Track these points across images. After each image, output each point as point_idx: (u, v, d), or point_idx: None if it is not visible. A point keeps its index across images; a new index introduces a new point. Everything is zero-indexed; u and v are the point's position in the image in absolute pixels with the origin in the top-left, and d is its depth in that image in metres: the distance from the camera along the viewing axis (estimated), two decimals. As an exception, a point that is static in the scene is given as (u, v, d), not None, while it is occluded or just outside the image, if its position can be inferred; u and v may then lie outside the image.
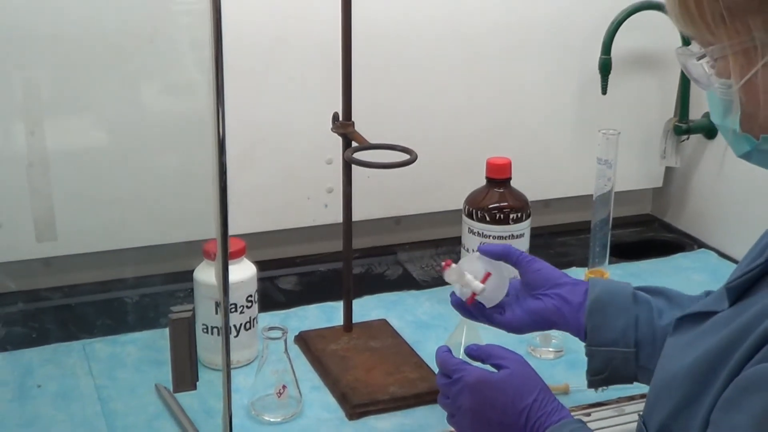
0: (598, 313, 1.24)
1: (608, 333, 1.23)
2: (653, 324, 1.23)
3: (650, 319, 1.23)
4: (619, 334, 1.23)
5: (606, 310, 1.24)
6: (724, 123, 0.97)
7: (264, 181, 1.81)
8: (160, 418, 1.37)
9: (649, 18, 1.92)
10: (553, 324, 1.29)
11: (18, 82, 1.60)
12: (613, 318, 1.23)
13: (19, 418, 1.36)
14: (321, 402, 1.42)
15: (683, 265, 1.91)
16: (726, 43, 0.92)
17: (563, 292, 1.28)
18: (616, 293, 1.26)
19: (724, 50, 0.92)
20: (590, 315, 1.25)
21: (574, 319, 1.26)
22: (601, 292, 1.26)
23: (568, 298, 1.27)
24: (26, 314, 1.66)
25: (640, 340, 1.23)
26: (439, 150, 1.89)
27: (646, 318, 1.24)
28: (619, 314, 1.24)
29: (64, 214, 1.65)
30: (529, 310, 1.29)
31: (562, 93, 1.99)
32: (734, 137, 0.96)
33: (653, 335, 1.22)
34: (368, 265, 1.90)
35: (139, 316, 1.67)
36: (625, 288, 1.27)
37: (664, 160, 2.07)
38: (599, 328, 1.24)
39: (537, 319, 1.29)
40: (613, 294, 1.25)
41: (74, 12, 1.58)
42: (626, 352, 1.22)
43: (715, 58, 0.94)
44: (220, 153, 0.96)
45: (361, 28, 1.46)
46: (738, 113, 0.94)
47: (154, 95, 1.72)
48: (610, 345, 1.23)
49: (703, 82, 0.97)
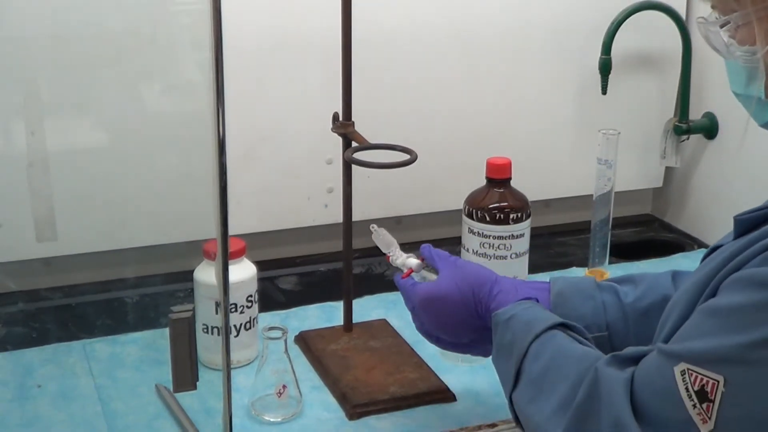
0: (563, 305, 1.25)
1: (577, 321, 1.22)
2: (622, 305, 1.23)
3: (617, 301, 1.24)
4: (588, 321, 1.23)
5: (571, 300, 1.25)
6: (747, 92, 0.96)
7: (264, 181, 1.81)
8: (160, 418, 1.37)
9: (649, 18, 1.92)
10: None
11: (18, 82, 1.60)
12: (579, 306, 1.24)
13: (19, 418, 1.36)
14: (321, 402, 1.42)
15: (683, 265, 1.91)
16: (750, 8, 0.92)
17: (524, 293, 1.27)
18: (578, 284, 1.27)
19: (748, 16, 0.92)
20: (555, 307, 1.25)
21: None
22: (563, 285, 1.27)
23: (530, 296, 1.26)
24: (26, 314, 1.66)
25: (611, 323, 1.23)
26: (439, 150, 1.89)
27: (612, 301, 1.24)
28: (585, 302, 1.24)
29: (64, 214, 1.65)
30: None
31: (562, 93, 1.99)
32: (758, 105, 0.96)
33: (623, 316, 1.23)
34: (368, 265, 1.90)
35: (139, 316, 1.67)
36: (587, 279, 1.29)
37: (664, 160, 2.07)
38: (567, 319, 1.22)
39: None
40: (575, 285, 1.27)
41: (74, 12, 1.58)
42: (599, 337, 1.22)
43: (739, 25, 0.94)
44: (220, 153, 0.96)
45: (361, 29, 1.46)
46: (763, 79, 0.94)
47: (154, 95, 1.72)
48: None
49: (724, 51, 0.97)
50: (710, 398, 0.89)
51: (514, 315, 1.17)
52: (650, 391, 0.95)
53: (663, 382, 0.93)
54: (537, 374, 1.09)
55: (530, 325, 1.13)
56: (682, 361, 0.92)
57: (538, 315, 1.16)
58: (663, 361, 0.94)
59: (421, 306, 1.29)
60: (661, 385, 0.93)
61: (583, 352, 1.08)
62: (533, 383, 1.09)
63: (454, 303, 1.25)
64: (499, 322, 1.18)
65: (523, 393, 1.10)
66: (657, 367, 0.95)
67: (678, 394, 0.91)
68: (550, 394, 1.05)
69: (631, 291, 1.25)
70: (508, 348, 1.14)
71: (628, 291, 1.25)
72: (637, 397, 0.95)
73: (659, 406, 0.93)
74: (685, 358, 0.91)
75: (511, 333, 1.15)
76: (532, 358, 1.10)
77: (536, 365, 1.09)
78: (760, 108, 0.96)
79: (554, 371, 1.07)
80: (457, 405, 1.42)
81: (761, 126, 0.99)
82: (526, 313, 1.17)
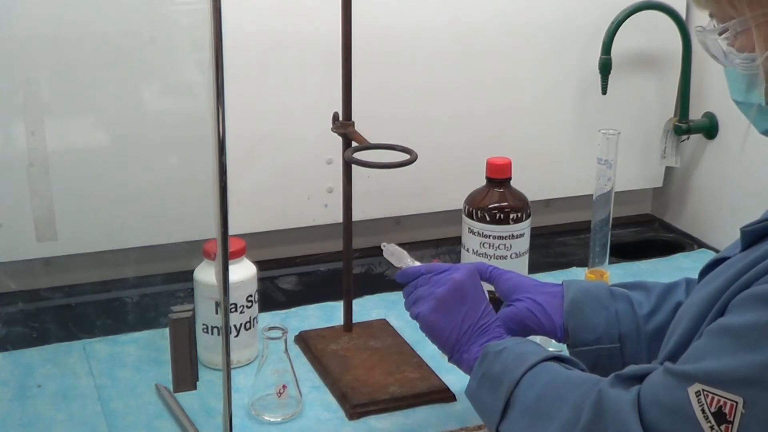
0: (577, 314, 1.24)
1: (590, 332, 1.23)
2: (635, 316, 1.23)
3: (631, 311, 1.23)
4: (601, 332, 1.22)
5: (584, 310, 1.24)
6: (747, 99, 0.96)
7: (264, 181, 1.81)
8: (160, 418, 1.37)
9: (649, 18, 1.92)
10: (526, 327, 1.27)
11: (18, 82, 1.60)
12: (593, 316, 1.23)
13: (19, 418, 1.36)
14: (321, 402, 1.42)
15: (683, 265, 1.91)
16: (748, 15, 0.91)
17: (535, 296, 1.27)
18: (592, 291, 1.25)
19: (747, 23, 0.92)
20: (569, 316, 1.24)
21: (547, 319, 1.26)
22: (576, 292, 1.25)
23: (539, 300, 1.27)
24: (26, 314, 1.66)
25: (624, 335, 1.22)
26: (439, 150, 1.89)
27: (626, 311, 1.23)
28: (599, 311, 1.23)
29: (64, 214, 1.65)
30: (503, 317, 1.27)
31: (562, 93, 1.99)
32: (759, 112, 0.96)
33: (636, 327, 1.22)
34: (368, 265, 1.90)
35: (139, 316, 1.67)
36: (600, 285, 1.27)
37: (664, 160, 2.07)
38: (580, 329, 1.23)
39: (512, 326, 1.27)
40: (589, 292, 1.25)
41: (74, 12, 1.58)
42: (611, 348, 1.22)
43: (737, 32, 0.93)
44: (220, 153, 0.96)
45: (361, 29, 1.46)
46: (763, 86, 0.93)
47: (154, 96, 1.72)
48: (594, 344, 1.23)
49: (723, 59, 0.96)
50: (729, 419, 0.88)
51: (506, 347, 1.15)
52: (660, 411, 0.93)
53: (674, 402, 0.92)
54: (532, 401, 1.06)
55: (523, 357, 1.11)
56: (696, 382, 0.90)
57: (531, 348, 1.14)
58: (673, 381, 0.93)
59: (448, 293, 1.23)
60: (673, 406, 0.92)
61: (582, 376, 1.07)
62: (528, 411, 1.06)
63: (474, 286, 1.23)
64: (489, 353, 1.15)
65: (516, 422, 1.08)
66: (666, 387, 0.93)
67: (693, 415, 0.90)
68: (549, 419, 1.03)
69: (645, 301, 1.24)
70: (497, 379, 1.12)
71: (642, 301, 1.24)
72: (646, 416, 0.94)
73: (672, 426, 0.92)
74: (700, 378, 0.90)
75: (500, 364, 1.12)
76: (525, 387, 1.08)
77: (531, 393, 1.07)
78: (760, 115, 0.96)
79: (552, 396, 1.04)
80: (457, 405, 1.42)
81: (761, 133, 0.98)
82: (518, 346, 1.15)
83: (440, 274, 1.25)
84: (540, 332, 1.28)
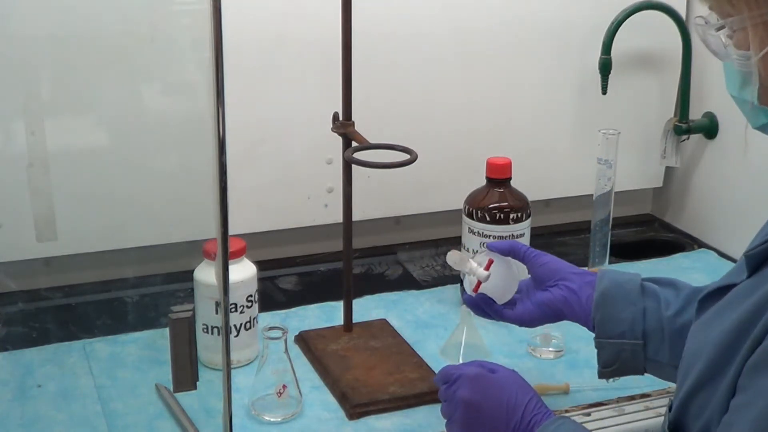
0: (605, 306, 1.25)
1: (616, 326, 1.24)
2: (661, 315, 1.23)
3: (658, 310, 1.24)
4: (626, 327, 1.23)
5: (613, 303, 1.25)
6: (741, 95, 0.96)
7: (264, 181, 1.81)
8: (160, 418, 1.37)
9: (649, 18, 1.92)
10: (562, 315, 1.30)
11: (18, 82, 1.59)
12: (621, 310, 1.24)
13: (19, 418, 1.36)
14: (321, 402, 1.42)
15: (683, 265, 1.91)
16: (746, 14, 0.92)
17: (570, 284, 1.29)
18: (624, 285, 1.26)
19: (744, 22, 0.92)
20: (597, 308, 1.25)
21: (582, 310, 1.27)
22: (608, 284, 1.26)
23: (575, 289, 1.28)
24: (26, 314, 1.66)
25: (648, 332, 1.23)
26: (439, 150, 1.89)
27: (653, 309, 1.24)
28: (627, 307, 1.24)
29: (64, 214, 1.65)
30: (537, 302, 1.30)
31: (562, 93, 1.99)
32: (752, 109, 0.96)
33: (661, 327, 1.23)
34: (368, 265, 1.90)
35: (139, 315, 1.67)
36: (632, 279, 1.27)
37: (664, 160, 2.07)
38: (607, 321, 1.24)
39: (546, 311, 1.30)
40: (621, 286, 1.26)
41: (74, 12, 1.58)
42: (634, 344, 1.23)
43: (734, 30, 0.94)
44: (220, 153, 0.96)
45: (361, 28, 1.46)
46: (756, 85, 0.94)
47: (154, 95, 1.72)
48: (618, 337, 1.24)
49: (720, 53, 0.97)
50: None
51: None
52: None
53: None
54: None
55: None
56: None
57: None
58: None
59: (471, 380, 1.21)
60: None
61: None
62: None
63: (485, 395, 1.19)
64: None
65: None
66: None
67: None
68: None
69: (673, 300, 1.24)
70: None
71: (670, 300, 1.25)
72: None
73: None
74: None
75: None
76: None
77: None
78: (754, 112, 0.97)
79: None
80: (457, 405, 1.41)
81: (756, 128, 0.99)
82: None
83: (452, 386, 1.22)
84: (574, 320, 1.30)
